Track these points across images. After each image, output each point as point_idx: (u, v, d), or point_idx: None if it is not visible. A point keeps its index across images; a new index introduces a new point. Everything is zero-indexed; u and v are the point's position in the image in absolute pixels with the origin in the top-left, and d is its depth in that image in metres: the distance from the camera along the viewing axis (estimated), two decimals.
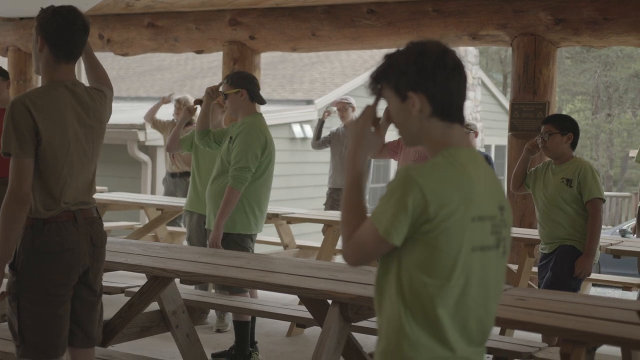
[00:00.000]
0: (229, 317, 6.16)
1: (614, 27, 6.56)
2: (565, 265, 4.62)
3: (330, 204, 8.15)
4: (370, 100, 2.09)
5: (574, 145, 4.75)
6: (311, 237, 10.56)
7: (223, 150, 4.98)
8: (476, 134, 7.65)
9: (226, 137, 5.09)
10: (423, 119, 2.01)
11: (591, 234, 4.58)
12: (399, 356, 1.94)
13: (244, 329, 4.99)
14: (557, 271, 4.65)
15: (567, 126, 4.72)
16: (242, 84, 4.95)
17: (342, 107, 8.13)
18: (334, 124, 9.24)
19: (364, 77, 13.91)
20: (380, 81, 2.04)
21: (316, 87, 13.90)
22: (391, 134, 2.60)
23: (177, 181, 8.11)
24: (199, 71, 15.90)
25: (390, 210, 1.90)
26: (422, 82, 1.97)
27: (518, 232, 6.19)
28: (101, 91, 3.35)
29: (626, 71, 25.56)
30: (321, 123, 8.26)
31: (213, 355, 5.17)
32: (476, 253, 1.95)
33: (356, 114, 8.16)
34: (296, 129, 12.52)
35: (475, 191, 1.96)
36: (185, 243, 6.91)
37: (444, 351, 1.93)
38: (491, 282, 2.00)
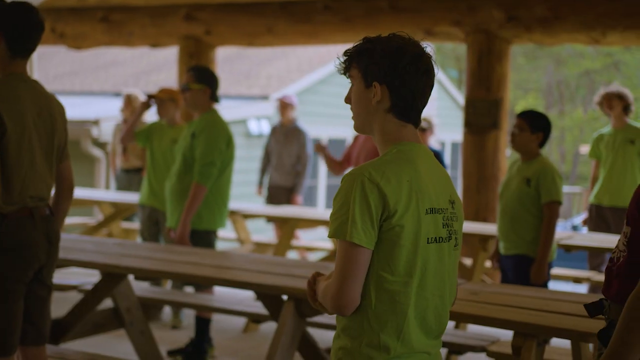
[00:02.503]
0: (184, 313, 6.14)
1: (565, 25, 6.67)
2: (524, 280, 4.62)
3: (271, 200, 8.25)
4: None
5: (543, 144, 4.72)
6: (267, 233, 10.56)
7: (184, 146, 4.96)
8: (431, 132, 7.72)
9: (183, 134, 5.08)
10: (380, 111, 2.03)
11: (544, 238, 4.53)
12: (357, 354, 1.96)
13: (205, 326, 4.98)
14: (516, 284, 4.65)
15: (538, 125, 4.64)
16: (208, 81, 4.97)
17: (283, 104, 8.25)
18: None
19: (321, 72, 13.93)
20: (352, 60, 2.05)
21: (273, 83, 13.87)
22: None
23: (131, 177, 8.03)
24: (155, 66, 15.74)
25: (352, 216, 1.90)
26: (390, 77, 1.99)
27: (472, 227, 6.26)
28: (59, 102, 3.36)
29: (577, 69, 26.00)
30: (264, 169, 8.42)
31: (168, 353, 5.14)
32: (431, 245, 1.98)
33: (295, 113, 8.26)
34: (252, 124, 12.49)
35: (425, 185, 1.98)
36: (139, 239, 6.86)
37: (403, 347, 1.96)
38: (446, 274, 2.04)
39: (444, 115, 18.12)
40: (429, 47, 2.05)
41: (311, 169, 9.63)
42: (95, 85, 15.20)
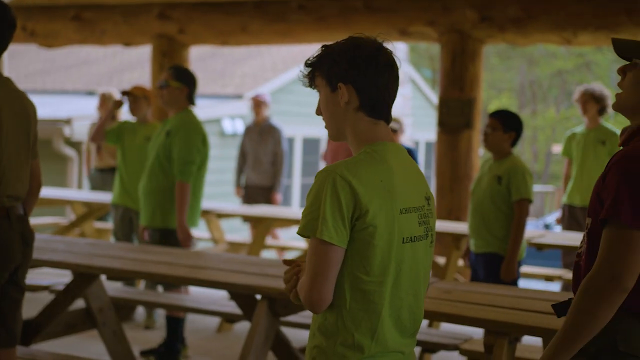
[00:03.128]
0: (158, 313, 6.11)
1: (537, 25, 6.73)
2: (495, 278, 4.65)
3: (248, 201, 8.22)
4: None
5: (515, 143, 4.76)
6: (242, 232, 10.54)
7: (158, 145, 4.94)
8: (401, 132, 7.78)
9: (156, 132, 5.07)
10: (350, 111, 2.03)
11: (514, 236, 4.57)
12: (332, 353, 1.96)
13: (176, 326, 4.95)
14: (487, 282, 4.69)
15: (511, 124, 4.69)
16: (187, 81, 4.97)
17: (256, 102, 8.24)
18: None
19: (295, 71, 13.92)
20: (314, 69, 2.06)
21: (247, 82, 13.84)
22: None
23: (105, 177, 7.98)
24: (127, 65, 15.64)
25: (323, 213, 1.90)
26: (353, 74, 2.00)
27: (445, 226, 6.29)
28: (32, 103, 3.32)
29: (550, 69, 26.24)
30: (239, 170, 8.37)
31: (141, 353, 5.11)
32: (406, 245, 1.98)
33: (268, 111, 8.24)
34: (226, 123, 12.46)
35: (399, 184, 1.99)
36: (112, 239, 6.81)
37: (377, 347, 1.96)
38: (420, 272, 2.05)
39: (418, 115, 18.19)
40: (388, 43, 2.06)
41: (286, 168, 9.61)
42: (68, 84, 15.07)
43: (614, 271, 1.92)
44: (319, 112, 2.10)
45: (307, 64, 2.07)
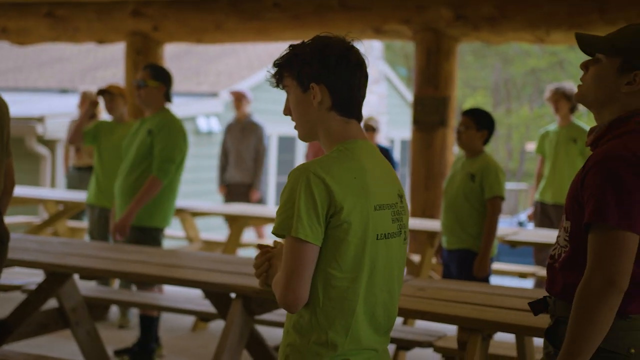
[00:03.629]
0: (132, 313, 6.08)
1: (511, 24, 6.77)
2: (467, 274, 4.69)
3: (231, 199, 8.17)
4: None
5: (487, 141, 4.81)
6: (217, 231, 10.51)
7: (138, 143, 4.92)
8: (378, 131, 7.83)
9: (134, 131, 5.04)
10: (322, 111, 2.03)
11: (487, 233, 4.62)
12: (305, 351, 1.96)
13: (150, 325, 4.93)
14: (461, 280, 4.71)
15: (483, 122, 4.75)
16: (164, 80, 4.98)
17: (237, 97, 8.18)
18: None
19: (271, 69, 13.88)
20: (283, 70, 2.05)
21: (222, 80, 13.80)
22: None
23: (82, 175, 7.90)
24: (101, 62, 15.52)
25: (298, 211, 1.89)
26: (325, 74, 2.00)
27: (420, 223, 6.32)
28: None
29: (524, 67, 26.42)
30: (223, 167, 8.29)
31: (115, 352, 5.08)
32: (380, 241, 1.99)
33: (249, 108, 8.19)
34: (202, 121, 12.41)
35: (372, 181, 1.99)
36: (86, 238, 6.76)
37: (351, 344, 1.96)
38: (394, 269, 2.05)
39: (393, 113, 18.23)
40: (357, 42, 2.07)
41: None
42: (40, 82, 14.92)
43: (608, 274, 1.91)
44: (287, 112, 2.10)
45: (275, 64, 2.06)
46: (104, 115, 7.57)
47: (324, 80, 2.00)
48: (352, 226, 1.92)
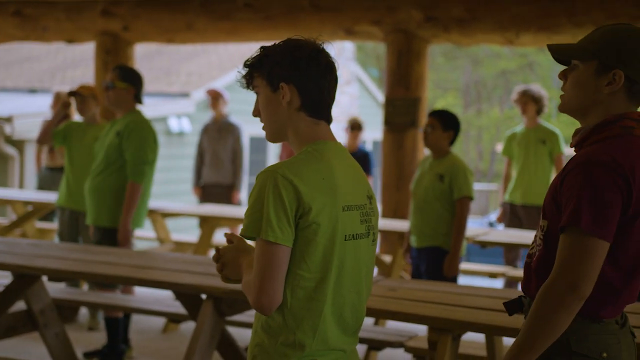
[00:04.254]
0: (102, 315, 6.02)
1: (481, 26, 6.82)
2: (437, 271, 4.72)
3: (206, 199, 8.09)
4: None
5: (453, 142, 4.86)
6: (189, 232, 10.46)
7: (107, 144, 4.88)
8: (361, 130, 7.90)
9: (105, 132, 5.00)
10: (291, 111, 2.04)
11: (456, 232, 4.67)
12: (273, 351, 1.96)
13: (115, 326, 4.89)
14: (431, 277, 4.75)
15: (449, 123, 4.81)
16: (133, 81, 4.94)
17: (214, 96, 8.09)
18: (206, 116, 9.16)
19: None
20: (253, 70, 2.06)
21: (193, 80, 13.74)
22: None
23: (55, 176, 7.81)
24: (71, 62, 15.38)
25: (267, 214, 1.89)
26: (295, 75, 2.01)
27: (391, 224, 6.34)
28: None
29: (494, 69, 26.64)
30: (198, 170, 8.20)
31: (84, 354, 5.03)
32: (348, 242, 1.99)
33: (226, 109, 8.13)
34: (173, 122, 12.34)
35: (341, 182, 2.00)
36: (56, 239, 6.69)
37: (318, 345, 1.96)
38: (362, 270, 2.06)
39: (365, 114, 18.23)
40: (327, 45, 2.08)
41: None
42: (8, 82, 14.75)
43: (571, 279, 1.91)
44: (256, 113, 2.10)
45: (245, 65, 2.07)
46: (76, 116, 7.50)
47: (293, 80, 2.01)
48: (321, 227, 1.93)
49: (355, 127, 7.89)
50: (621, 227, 1.95)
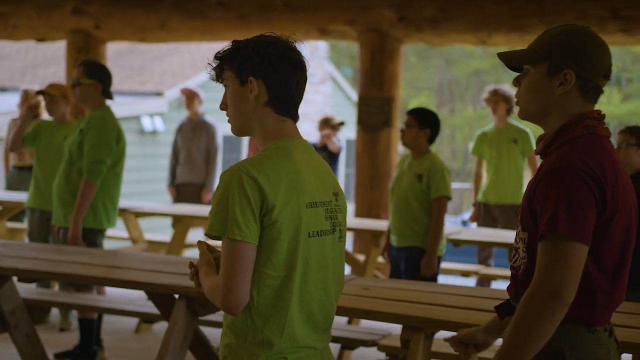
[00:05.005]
0: (74, 315, 5.97)
1: (453, 26, 6.86)
2: (416, 271, 4.73)
3: (180, 200, 8.04)
4: None
5: (431, 140, 4.85)
6: (162, 231, 10.40)
7: (71, 143, 4.81)
8: (336, 129, 7.89)
9: (73, 130, 4.94)
10: (258, 106, 2.04)
11: (433, 232, 4.67)
12: (242, 351, 1.96)
13: (90, 327, 4.85)
14: (409, 277, 4.76)
15: (426, 121, 4.79)
16: (100, 77, 4.83)
17: (190, 95, 8.04)
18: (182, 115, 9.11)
19: None
20: (224, 62, 2.06)
21: (166, 79, 13.67)
22: None
23: (24, 175, 7.72)
24: (42, 60, 15.23)
25: (232, 212, 1.88)
26: (264, 70, 2.01)
27: (365, 223, 6.36)
28: None
29: (467, 68, 26.79)
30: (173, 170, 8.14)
31: (56, 355, 4.99)
32: (313, 239, 1.99)
33: (201, 108, 8.08)
34: (146, 121, 12.26)
35: (305, 180, 2.00)
36: (26, 240, 6.61)
37: (287, 343, 1.96)
38: (330, 266, 2.06)
39: (339, 113, 18.27)
40: (299, 43, 2.09)
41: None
42: None
43: (553, 286, 1.88)
44: (223, 106, 2.10)
45: (216, 57, 2.07)
46: (45, 115, 7.41)
47: (262, 75, 2.01)
48: (284, 225, 1.93)
49: (336, 127, 7.90)
50: (599, 227, 1.95)
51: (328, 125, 7.96)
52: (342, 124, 7.96)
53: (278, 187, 1.93)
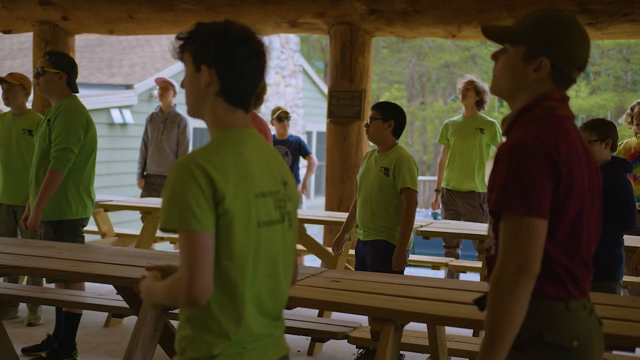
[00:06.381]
0: (43, 310, 5.92)
1: (423, 19, 6.88)
2: (382, 264, 4.74)
3: (147, 191, 7.97)
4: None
5: (397, 133, 4.85)
6: (131, 224, 10.33)
7: (40, 134, 4.75)
8: (287, 120, 7.89)
9: (41, 122, 4.88)
10: (209, 94, 2.03)
11: (404, 225, 4.67)
12: (200, 341, 1.95)
13: (74, 322, 4.78)
14: (375, 271, 4.77)
15: (389, 113, 4.80)
16: (64, 67, 4.76)
17: (165, 85, 7.98)
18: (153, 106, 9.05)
19: None
20: (185, 45, 2.04)
21: (136, 72, 13.55)
22: None
23: None
24: (9, 52, 15.03)
25: (187, 204, 1.87)
26: (218, 59, 1.99)
27: (336, 215, 6.37)
28: None
29: (438, 61, 26.90)
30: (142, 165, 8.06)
31: (24, 350, 4.93)
32: (262, 228, 1.99)
33: (175, 99, 8.01)
34: (115, 114, 12.15)
35: (252, 169, 1.99)
36: None
37: (243, 332, 1.96)
38: (279, 255, 2.06)
39: (310, 106, 18.30)
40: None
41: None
42: None
43: (518, 261, 1.93)
44: (183, 85, 2.09)
45: (178, 38, 2.06)
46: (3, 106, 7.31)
47: (215, 64, 2.00)
48: (236, 214, 1.92)
49: (281, 117, 7.91)
50: (554, 203, 1.99)
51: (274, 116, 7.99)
52: (286, 114, 7.97)
53: (227, 177, 1.92)
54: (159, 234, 7.01)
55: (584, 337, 2.03)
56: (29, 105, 5.83)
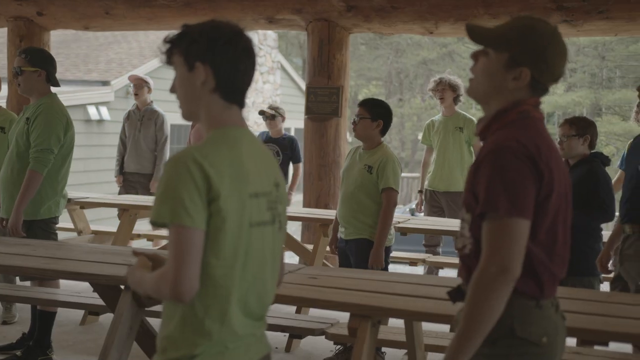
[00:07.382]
0: (17, 308, 5.86)
1: (401, 15, 6.88)
2: (364, 263, 4.74)
3: (126, 188, 7.91)
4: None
5: (384, 132, 4.84)
6: (108, 222, 10.26)
7: (17, 132, 4.69)
8: (283, 119, 7.84)
9: (19, 119, 4.82)
10: (205, 92, 2.02)
11: (381, 224, 4.68)
12: (182, 341, 1.94)
13: (49, 320, 4.74)
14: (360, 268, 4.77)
15: (378, 112, 4.78)
16: (42, 64, 4.69)
17: (139, 83, 7.91)
18: (129, 104, 8.99)
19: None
20: (172, 46, 2.04)
21: (113, 68, 13.46)
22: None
23: None
24: None
25: (180, 198, 1.86)
26: (211, 55, 1.99)
27: (314, 212, 6.37)
28: None
29: (415, 58, 26.98)
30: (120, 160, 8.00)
31: None
32: (254, 229, 1.98)
33: (150, 96, 7.95)
34: (92, 110, 12.06)
35: (247, 169, 1.99)
36: None
37: (226, 332, 1.95)
38: (268, 257, 2.05)
39: (288, 102, 18.25)
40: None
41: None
42: None
43: (501, 263, 1.96)
44: (173, 90, 2.08)
45: (165, 41, 2.05)
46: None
47: (209, 60, 1.99)
48: (229, 213, 1.91)
49: (269, 117, 7.87)
50: (537, 204, 2.02)
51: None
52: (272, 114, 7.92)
53: (223, 174, 1.91)
54: (135, 231, 6.97)
55: (552, 334, 2.08)
56: (2, 102, 5.77)
